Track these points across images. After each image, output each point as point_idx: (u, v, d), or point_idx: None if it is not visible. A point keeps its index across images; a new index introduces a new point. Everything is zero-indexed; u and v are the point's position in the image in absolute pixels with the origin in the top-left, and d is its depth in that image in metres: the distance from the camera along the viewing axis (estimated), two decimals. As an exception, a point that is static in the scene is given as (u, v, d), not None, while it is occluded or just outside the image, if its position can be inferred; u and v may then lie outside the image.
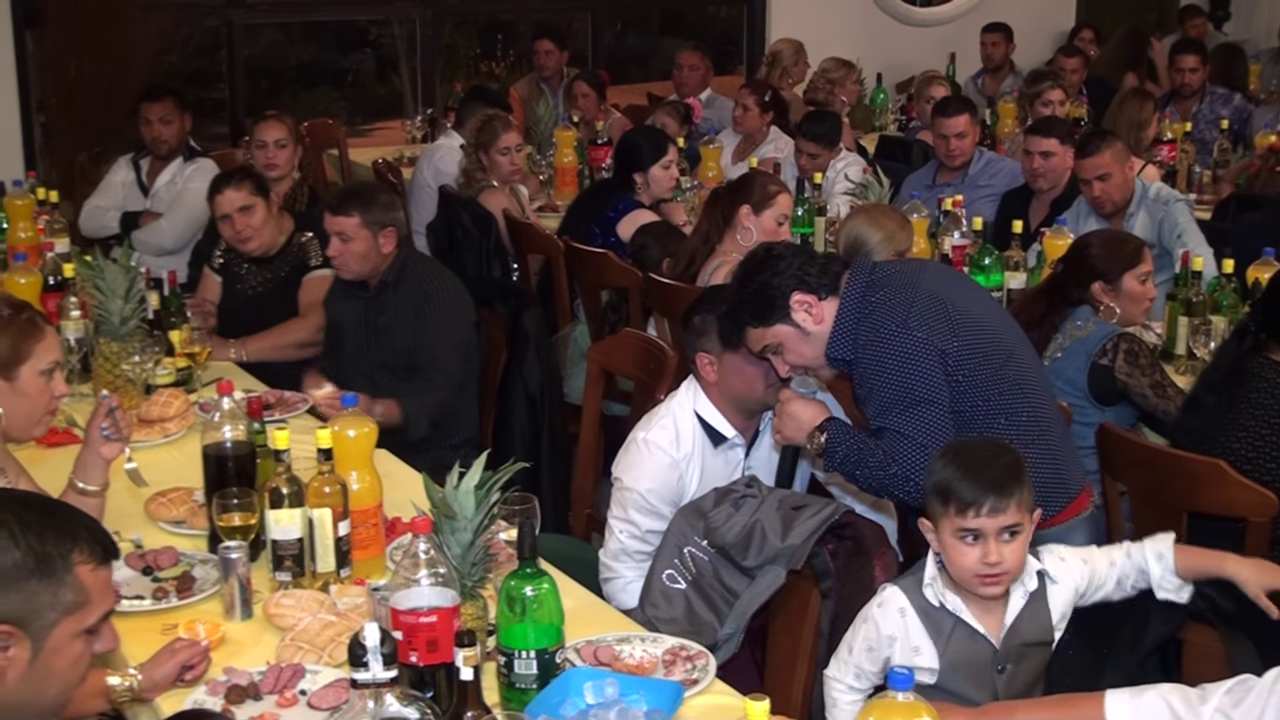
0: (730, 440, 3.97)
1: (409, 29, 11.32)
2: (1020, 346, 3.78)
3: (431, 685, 2.72)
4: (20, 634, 2.16)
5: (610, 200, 6.49)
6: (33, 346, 3.45)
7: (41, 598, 2.17)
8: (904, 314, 3.57)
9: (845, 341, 3.64)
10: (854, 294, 3.65)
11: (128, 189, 7.07)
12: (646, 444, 3.94)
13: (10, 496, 2.24)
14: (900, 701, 2.32)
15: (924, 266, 3.96)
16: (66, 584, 2.19)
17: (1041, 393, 3.78)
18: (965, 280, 4.08)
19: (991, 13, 11.05)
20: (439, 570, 2.79)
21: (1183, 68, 9.21)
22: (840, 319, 3.65)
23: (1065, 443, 3.84)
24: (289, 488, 3.32)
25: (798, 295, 3.65)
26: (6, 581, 2.14)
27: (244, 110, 9.78)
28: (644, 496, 3.90)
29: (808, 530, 3.36)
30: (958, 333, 3.58)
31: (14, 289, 4.88)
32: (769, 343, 3.71)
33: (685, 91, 9.41)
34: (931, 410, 3.53)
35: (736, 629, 3.46)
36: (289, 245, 5.54)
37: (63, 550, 2.18)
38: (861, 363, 3.63)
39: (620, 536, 3.94)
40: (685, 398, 4.00)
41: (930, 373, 3.55)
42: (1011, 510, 2.92)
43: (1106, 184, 5.90)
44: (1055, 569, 3.07)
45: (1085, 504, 3.82)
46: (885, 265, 3.85)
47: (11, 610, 2.15)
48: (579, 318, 6.11)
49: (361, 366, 4.94)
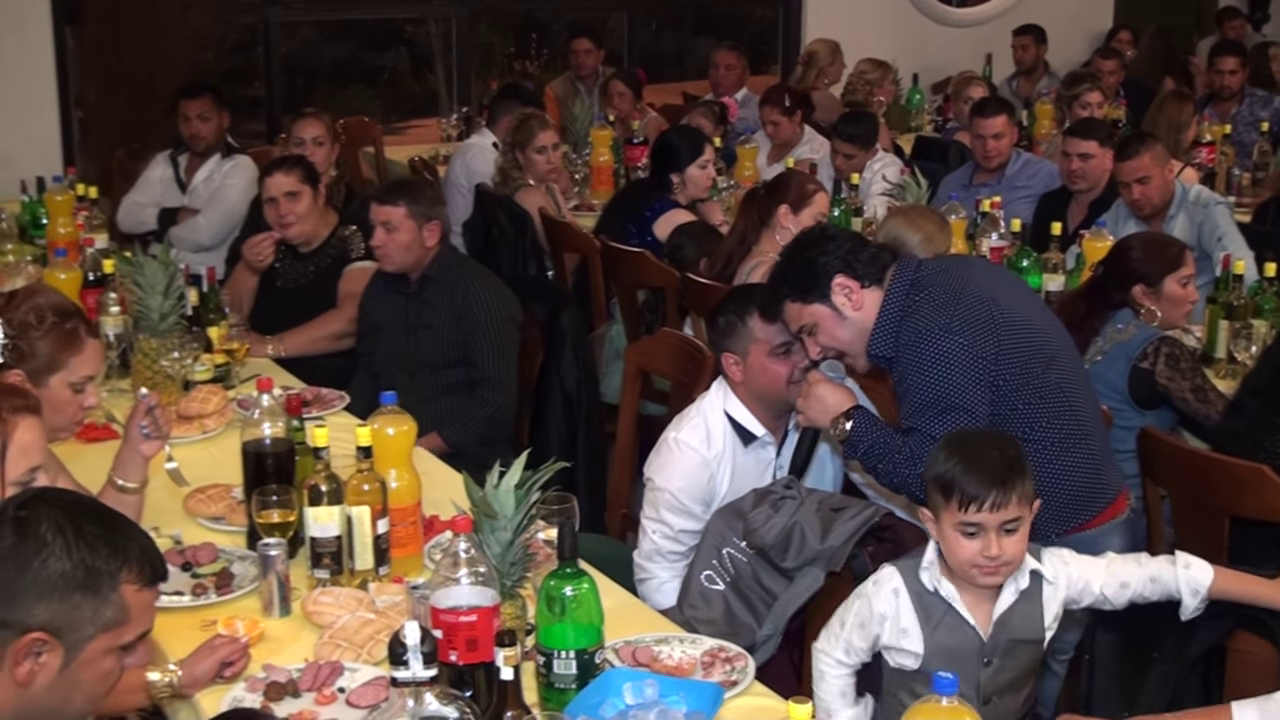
0: (760, 439, 3.97)
1: (444, 27, 11.33)
2: (1065, 349, 3.76)
3: (471, 684, 2.73)
4: (55, 642, 2.16)
5: (647, 200, 6.48)
6: (68, 358, 3.44)
7: (83, 611, 2.17)
8: (948, 317, 3.55)
9: (887, 338, 3.64)
10: (899, 290, 3.64)
11: (165, 185, 7.10)
12: (678, 444, 3.94)
13: (74, 503, 2.23)
14: (945, 706, 2.31)
15: (970, 264, 3.95)
16: (110, 601, 2.19)
17: (1083, 396, 3.76)
18: (1012, 279, 4.05)
19: (1028, 13, 11.00)
20: (479, 569, 2.79)
21: (1222, 69, 9.14)
22: (883, 314, 3.64)
23: (1104, 446, 3.82)
24: (328, 485, 3.33)
25: (841, 278, 3.64)
26: (51, 590, 2.14)
27: (280, 107, 9.81)
28: (675, 496, 3.90)
29: (847, 532, 3.35)
30: (1001, 335, 3.56)
31: (54, 284, 4.90)
32: (805, 322, 3.71)
33: (721, 91, 9.40)
34: (964, 418, 3.52)
35: (775, 630, 3.45)
36: (331, 238, 5.55)
37: (113, 568, 2.18)
38: (901, 361, 3.62)
39: (653, 537, 3.93)
40: (715, 397, 4.00)
41: (968, 379, 3.54)
42: (1012, 505, 2.93)
43: (1146, 187, 5.87)
44: (1054, 571, 3.06)
45: (1122, 507, 3.80)
46: (931, 263, 3.83)
47: (51, 619, 2.15)
48: (615, 317, 6.11)
49: (403, 364, 4.94)
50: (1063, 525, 3.65)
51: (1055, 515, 3.62)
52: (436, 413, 4.73)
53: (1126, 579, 3.08)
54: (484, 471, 2.99)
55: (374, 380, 4.89)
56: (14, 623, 2.14)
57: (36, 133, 8.67)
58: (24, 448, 2.68)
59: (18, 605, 2.13)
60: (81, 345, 3.50)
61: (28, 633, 2.14)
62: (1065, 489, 3.65)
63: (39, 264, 5.78)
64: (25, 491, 2.24)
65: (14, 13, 8.65)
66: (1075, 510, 3.68)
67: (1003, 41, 10.83)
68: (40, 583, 2.13)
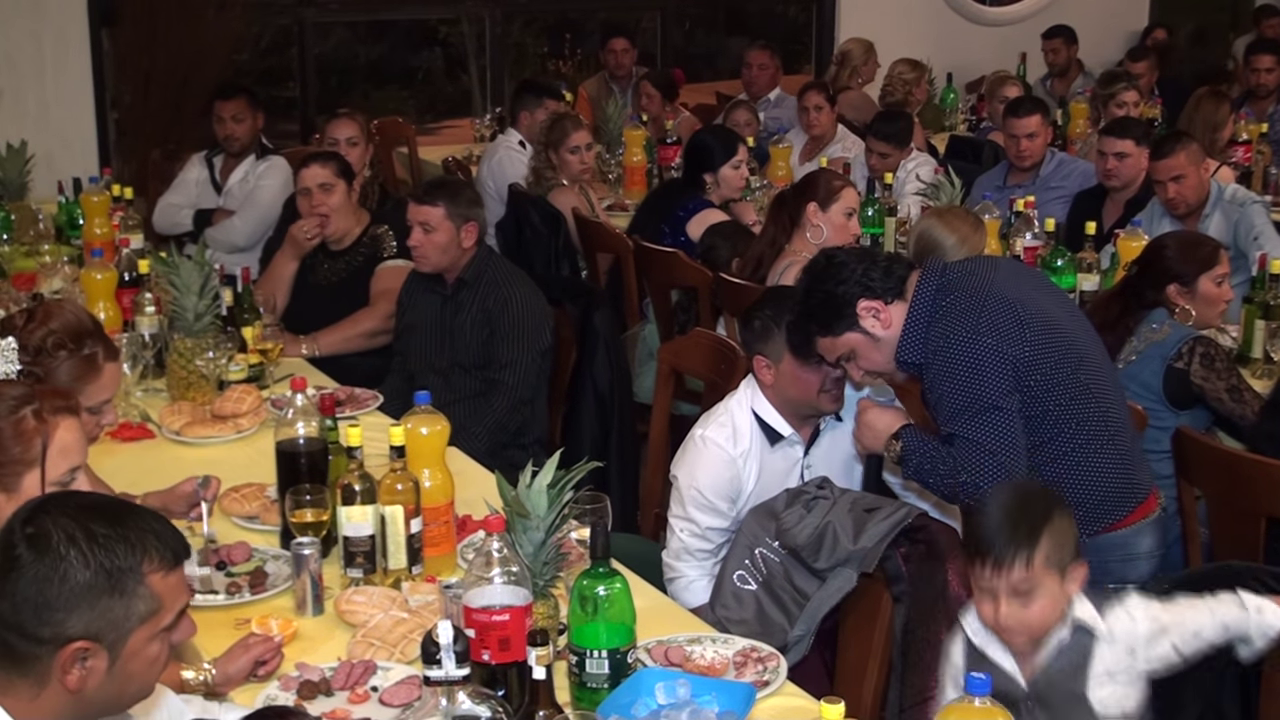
0: (788, 439, 3.97)
1: (478, 28, 11.36)
2: (1093, 349, 3.74)
3: (503, 683, 2.73)
4: (97, 646, 2.17)
5: (680, 199, 6.48)
6: (84, 386, 3.41)
7: (115, 612, 2.17)
8: (974, 320, 3.54)
9: (915, 345, 3.62)
10: (924, 297, 3.63)
11: (201, 186, 7.14)
12: (704, 440, 3.95)
13: (78, 505, 2.22)
14: (978, 707, 2.30)
15: (996, 265, 3.91)
16: (139, 596, 2.19)
17: (1113, 396, 3.75)
18: (1040, 279, 4.03)
19: (1062, 12, 10.96)
20: (512, 569, 2.80)
21: (1258, 68, 9.09)
22: (910, 322, 3.62)
23: (1134, 445, 3.80)
24: (361, 484, 3.34)
25: (864, 302, 3.63)
26: (79, 601, 2.14)
27: (314, 108, 9.85)
28: (701, 493, 3.91)
29: (880, 533, 3.34)
30: (1029, 337, 3.54)
31: (90, 284, 4.94)
32: (841, 351, 3.70)
33: (754, 91, 9.39)
34: (1000, 416, 3.51)
35: (807, 631, 3.44)
36: (363, 236, 5.57)
37: (133, 564, 2.18)
38: (931, 367, 3.61)
39: (681, 535, 3.94)
40: (743, 396, 4.01)
41: (999, 379, 3.52)
42: (1017, 568, 2.82)
43: (1181, 185, 5.84)
44: (1113, 626, 2.92)
45: (1153, 507, 3.79)
46: (957, 266, 3.80)
47: (87, 627, 2.15)
48: (648, 317, 6.11)
49: (436, 365, 4.95)
50: (1094, 526, 3.64)
51: (1086, 516, 3.61)
52: (469, 413, 4.74)
53: (1199, 627, 2.96)
54: (517, 471, 2.99)
55: (408, 380, 4.90)
56: (51, 638, 2.14)
57: (73, 134, 8.74)
58: (64, 448, 2.70)
59: (51, 621, 2.14)
60: (99, 373, 3.48)
61: (68, 644, 2.15)
62: (1096, 489, 3.64)
63: (75, 264, 5.82)
64: (27, 504, 2.23)
65: (51, 15, 8.72)
66: (1106, 510, 3.67)
67: (1037, 41, 10.78)
68: (67, 597, 2.14)
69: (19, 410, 2.63)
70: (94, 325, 3.63)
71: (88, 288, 4.94)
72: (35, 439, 2.64)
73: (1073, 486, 3.62)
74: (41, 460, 2.64)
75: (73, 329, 3.51)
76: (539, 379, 4.95)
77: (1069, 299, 3.77)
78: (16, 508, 2.61)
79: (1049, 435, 3.60)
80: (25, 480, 2.64)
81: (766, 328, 3.93)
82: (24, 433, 2.63)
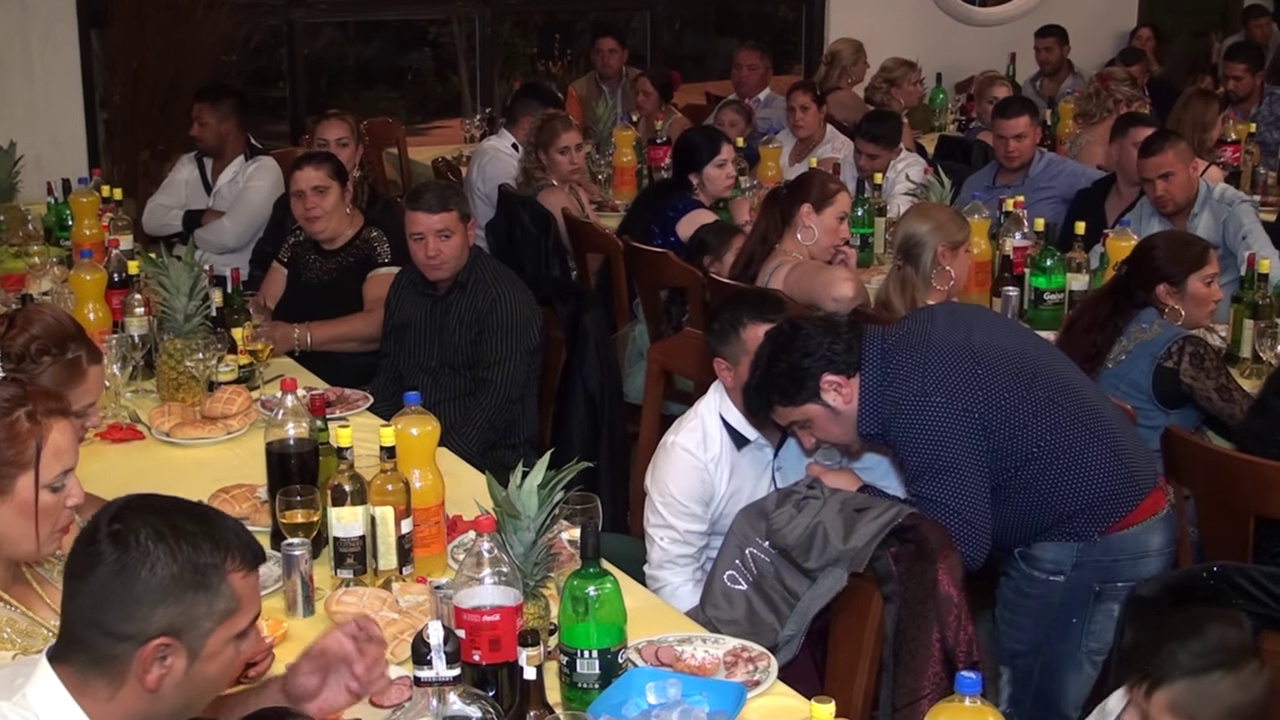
0: (754, 442, 3.98)
1: (468, 28, 11.36)
2: (1043, 358, 3.79)
3: (494, 684, 2.73)
4: (178, 644, 2.18)
5: (670, 199, 6.48)
6: (69, 392, 3.37)
7: (199, 608, 2.18)
8: (920, 381, 3.60)
9: (872, 416, 3.66)
10: (871, 366, 3.66)
11: (191, 187, 7.14)
12: (674, 446, 3.97)
13: (164, 506, 2.24)
14: (968, 706, 2.31)
15: (933, 316, 3.90)
16: (221, 593, 2.20)
17: (1086, 395, 3.78)
18: (978, 311, 4.10)
19: (1051, 13, 10.97)
20: (502, 569, 2.80)
21: (1231, 75, 9.16)
22: (863, 394, 3.66)
23: (1129, 438, 3.81)
24: (351, 485, 3.33)
25: (828, 376, 3.65)
26: (165, 594, 2.15)
27: (304, 109, 9.85)
28: (676, 499, 3.92)
29: (870, 533, 3.35)
30: (979, 378, 3.60)
31: (79, 285, 4.93)
32: (797, 419, 3.74)
33: (744, 91, 9.40)
34: (958, 476, 3.58)
35: (797, 631, 3.44)
36: (356, 239, 5.57)
37: (217, 560, 2.19)
38: (890, 433, 3.67)
39: (661, 544, 3.95)
40: (713, 401, 4.02)
41: (954, 437, 3.58)
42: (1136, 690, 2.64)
43: (1169, 183, 5.85)
44: None
45: (1161, 503, 3.81)
46: (894, 329, 3.83)
47: (171, 622, 2.16)
48: (638, 317, 6.11)
49: (425, 364, 4.95)
50: (1102, 524, 3.68)
51: (1091, 515, 3.65)
52: (458, 413, 4.75)
53: None
54: (507, 471, 2.99)
55: (396, 380, 4.90)
56: (135, 633, 2.15)
57: (62, 135, 8.73)
58: (58, 450, 2.69)
59: (135, 616, 2.15)
60: (83, 377, 3.48)
61: (150, 640, 2.16)
62: (1093, 487, 3.67)
63: (64, 265, 5.81)
64: (112, 504, 2.24)
65: (39, 15, 8.71)
66: (1111, 507, 3.69)
67: (1027, 41, 10.81)
68: (153, 590, 2.15)
69: (12, 412, 2.63)
70: (76, 329, 3.62)
71: (77, 289, 4.93)
72: (29, 441, 2.63)
73: (1069, 490, 3.65)
74: (35, 462, 2.64)
75: (55, 334, 3.50)
76: (528, 378, 4.95)
77: (1008, 320, 3.82)
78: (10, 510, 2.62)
79: (1027, 454, 3.65)
80: (19, 482, 2.63)
81: (725, 331, 3.94)
82: (18, 435, 2.62)
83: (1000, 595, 3.82)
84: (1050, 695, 3.78)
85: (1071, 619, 3.72)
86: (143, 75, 8.76)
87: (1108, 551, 3.64)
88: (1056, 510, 3.69)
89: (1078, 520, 3.68)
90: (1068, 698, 3.77)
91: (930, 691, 3.31)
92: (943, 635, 3.34)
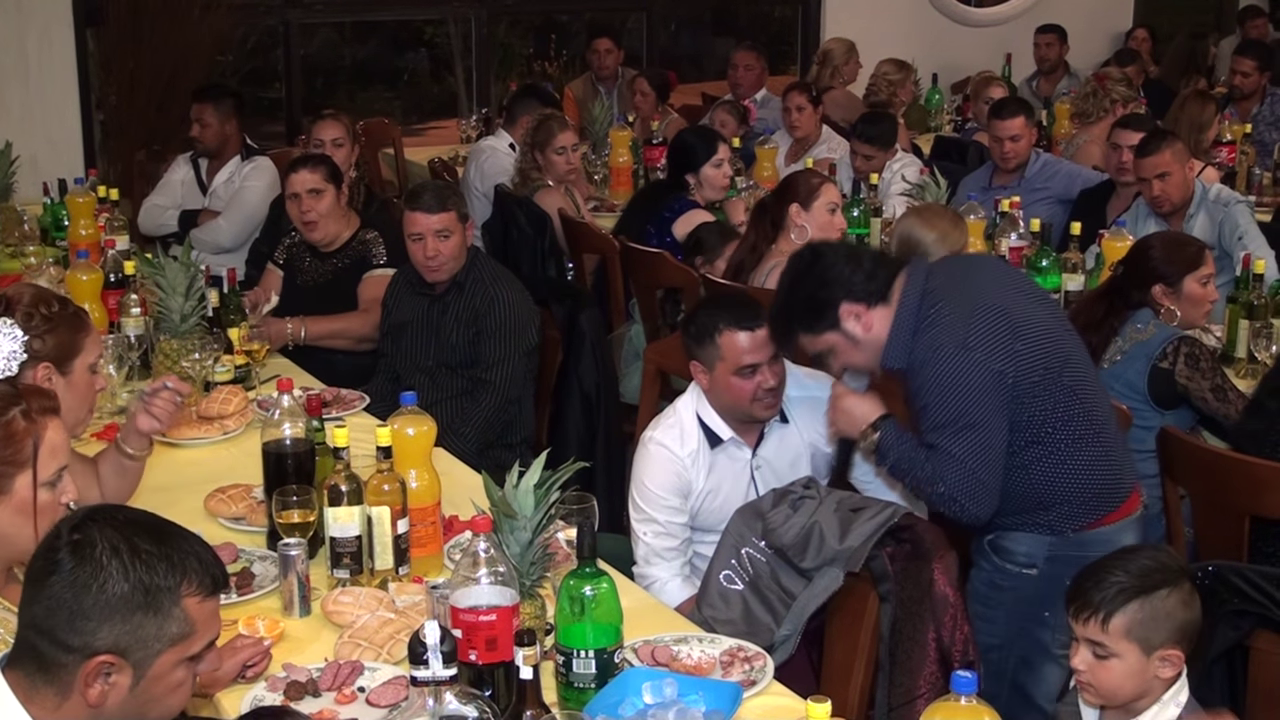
0: (727, 442, 3.99)
1: (464, 28, 11.36)
2: (1076, 349, 3.75)
3: (490, 683, 2.74)
4: (123, 662, 2.17)
5: (666, 200, 6.48)
6: (83, 340, 3.43)
7: (147, 629, 2.17)
8: (963, 332, 3.52)
9: (899, 352, 3.61)
10: (909, 304, 3.61)
11: (186, 187, 7.13)
12: (650, 442, 3.99)
13: (125, 520, 2.22)
14: (963, 705, 2.31)
15: (981, 266, 3.90)
16: (173, 617, 2.19)
17: (1096, 394, 3.76)
18: (1021, 279, 4.02)
19: (1047, 13, 10.98)
20: (498, 569, 2.80)
21: (1240, 70, 9.13)
22: (895, 330, 3.61)
23: (1118, 443, 3.81)
24: (348, 485, 3.34)
25: (846, 305, 3.62)
26: (112, 613, 2.14)
27: (300, 109, 9.84)
28: (653, 492, 3.94)
29: (866, 532, 3.35)
30: (1018, 347, 3.53)
31: (75, 286, 4.93)
32: (820, 349, 3.71)
33: (740, 92, 9.39)
34: (981, 434, 3.52)
35: (793, 631, 3.45)
36: (352, 240, 5.57)
37: (171, 584, 2.18)
38: (917, 376, 3.60)
39: (646, 539, 3.95)
40: (690, 399, 4.04)
41: (985, 396, 3.52)
42: (1093, 625, 2.86)
43: (1166, 183, 5.85)
44: None
45: (1136, 505, 3.79)
46: (940, 272, 3.75)
47: (116, 641, 2.15)
48: (634, 317, 6.11)
49: (423, 364, 4.95)
50: (1079, 521, 3.66)
51: (1071, 512, 3.64)
52: (455, 412, 4.75)
53: None
54: (504, 471, 3.00)
55: (394, 381, 4.91)
56: (80, 647, 2.15)
57: (58, 135, 8.71)
58: (54, 448, 2.69)
59: (82, 630, 2.14)
60: (89, 326, 3.51)
61: (95, 656, 2.15)
62: (1080, 486, 3.65)
63: (60, 266, 5.80)
64: (78, 512, 2.23)
65: (35, 15, 8.69)
66: (1092, 507, 3.68)
67: (1022, 41, 10.82)
68: (101, 606, 2.14)
69: (8, 411, 2.63)
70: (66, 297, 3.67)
71: (73, 289, 4.93)
72: (26, 440, 2.63)
73: (1058, 483, 3.64)
74: (33, 461, 2.64)
75: (46, 295, 3.53)
76: (525, 378, 4.95)
77: (1049, 297, 3.78)
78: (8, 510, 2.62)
79: (1036, 435, 3.61)
80: (17, 481, 2.63)
81: (701, 335, 3.94)
82: (14, 434, 2.62)
83: (972, 589, 3.77)
84: (1025, 688, 3.77)
85: (1044, 612, 3.69)
86: (139, 75, 8.75)
87: (1081, 547, 3.62)
88: (1039, 497, 3.65)
89: (1055, 513, 3.64)
90: (1043, 691, 3.76)
91: (926, 691, 3.32)
92: (938, 635, 3.34)
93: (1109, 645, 2.85)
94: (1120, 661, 2.86)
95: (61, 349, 3.39)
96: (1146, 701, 2.90)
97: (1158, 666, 2.86)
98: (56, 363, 3.37)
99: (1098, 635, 2.86)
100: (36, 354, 3.31)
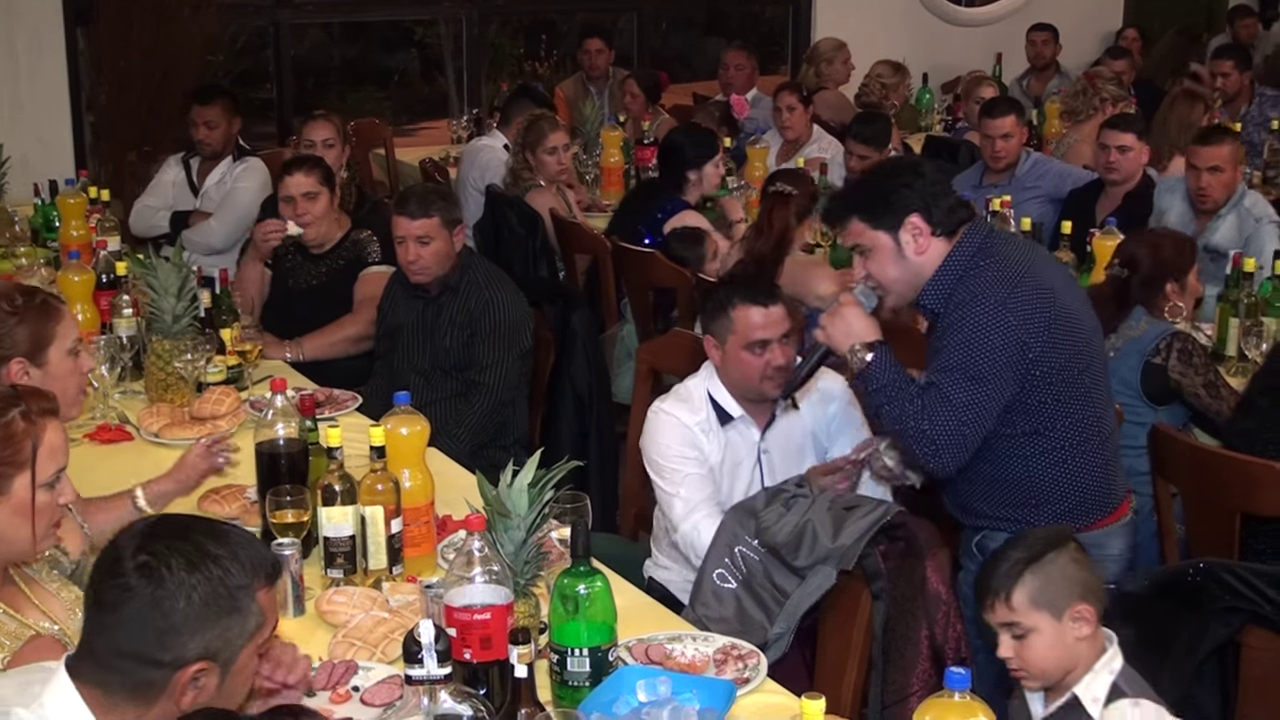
0: (737, 420, 4.01)
1: (454, 29, 11.35)
2: (1099, 358, 3.75)
3: (485, 682, 2.74)
4: (213, 665, 2.21)
5: (657, 200, 6.49)
6: (54, 328, 3.43)
7: (233, 630, 2.21)
8: (1006, 292, 3.52)
9: (940, 293, 3.60)
10: (965, 250, 3.60)
11: (178, 188, 7.11)
12: (659, 412, 4.02)
13: (182, 529, 2.25)
14: (956, 701, 2.32)
15: (1035, 248, 3.92)
16: (252, 612, 2.24)
17: (1107, 405, 3.77)
18: (1068, 274, 4.02)
19: (1038, 13, 10.98)
20: (493, 568, 2.80)
21: (1219, 73, 9.17)
22: (944, 269, 3.60)
23: (1115, 451, 3.82)
24: (341, 485, 3.34)
25: (916, 217, 3.59)
26: (202, 622, 2.18)
27: (291, 109, 9.81)
28: (671, 450, 3.95)
29: (859, 531, 3.36)
30: (1052, 330, 3.53)
31: (67, 286, 4.92)
32: (863, 243, 3.66)
33: (730, 91, 9.40)
34: (984, 389, 3.50)
35: (787, 629, 3.46)
36: (344, 241, 5.57)
37: (245, 581, 2.22)
38: (947, 318, 3.59)
39: (681, 496, 3.89)
40: (702, 376, 4.07)
41: (1002, 357, 3.49)
42: (999, 608, 2.91)
43: (1215, 177, 5.79)
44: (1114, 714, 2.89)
45: (1126, 511, 3.81)
46: (1003, 238, 3.79)
47: (207, 647, 2.19)
48: (626, 317, 6.12)
49: (418, 366, 4.96)
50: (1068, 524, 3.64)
51: (1061, 512, 3.63)
52: (449, 413, 4.75)
53: None
54: (497, 471, 3.00)
55: (391, 383, 4.90)
56: (171, 661, 2.17)
57: (49, 135, 8.69)
58: (53, 450, 2.69)
59: (173, 645, 2.17)
60: (59, 313, 3.49)
61: (188, 665, 2.18)
62: (1077, 490, 3.66)
63: (52, 266, 5.79)
64: (133, 532, 2.24)
65: (25, 15, 8.66)
66: (1084, 512, 3.68)
67: (1012, 41, 10.82)
68: (191, 618, 2.17)
69: (7, 412, 2.63)
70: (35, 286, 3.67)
71: (65, 290, 4.92)
72: (25, 441, 2.63)
73: (1054, 481, 3.64)
74: (32, 462, 2.64)
75: (19, 286, 3.54)
76: (519, 380, 4.96)
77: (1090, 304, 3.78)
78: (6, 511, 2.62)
79: (1041, 428, 3.60)
80: (16, 482, 2.63)
81: (716, 309, 3.97)
82: (14, 435, 2.62)
83: (961, 592, 3.79)
84: None
85: None
86: (129, 76, 8.72)
87: None
88: (1033, 493, 3.65)
89: (1045, 512, 3.63)
90: None
91: (919, 689, 3.33)
92: (931, 633, 3.35)
93: (1021, 621, 2.90)
94: (1038, 635, 2.90)
95: (34, 340, 3.39)
96: (1078, 672, 2.93)
97: (1073, 628, 2.90)
98: (30, 356, 3.38)
99: (1007, 615, 2.90)
100: (6, 353, 3.31)
